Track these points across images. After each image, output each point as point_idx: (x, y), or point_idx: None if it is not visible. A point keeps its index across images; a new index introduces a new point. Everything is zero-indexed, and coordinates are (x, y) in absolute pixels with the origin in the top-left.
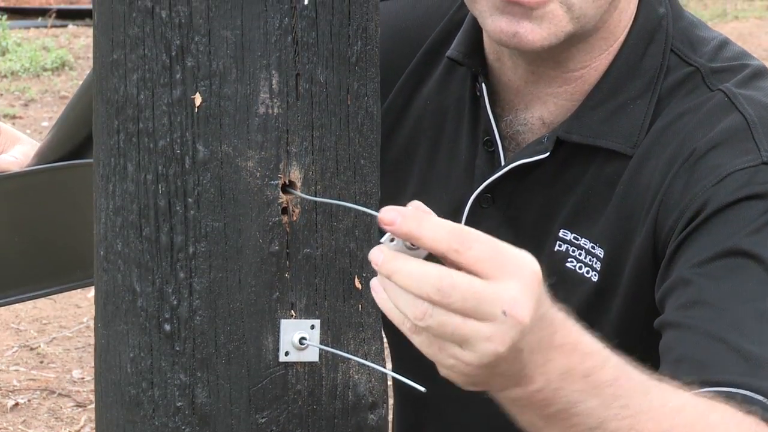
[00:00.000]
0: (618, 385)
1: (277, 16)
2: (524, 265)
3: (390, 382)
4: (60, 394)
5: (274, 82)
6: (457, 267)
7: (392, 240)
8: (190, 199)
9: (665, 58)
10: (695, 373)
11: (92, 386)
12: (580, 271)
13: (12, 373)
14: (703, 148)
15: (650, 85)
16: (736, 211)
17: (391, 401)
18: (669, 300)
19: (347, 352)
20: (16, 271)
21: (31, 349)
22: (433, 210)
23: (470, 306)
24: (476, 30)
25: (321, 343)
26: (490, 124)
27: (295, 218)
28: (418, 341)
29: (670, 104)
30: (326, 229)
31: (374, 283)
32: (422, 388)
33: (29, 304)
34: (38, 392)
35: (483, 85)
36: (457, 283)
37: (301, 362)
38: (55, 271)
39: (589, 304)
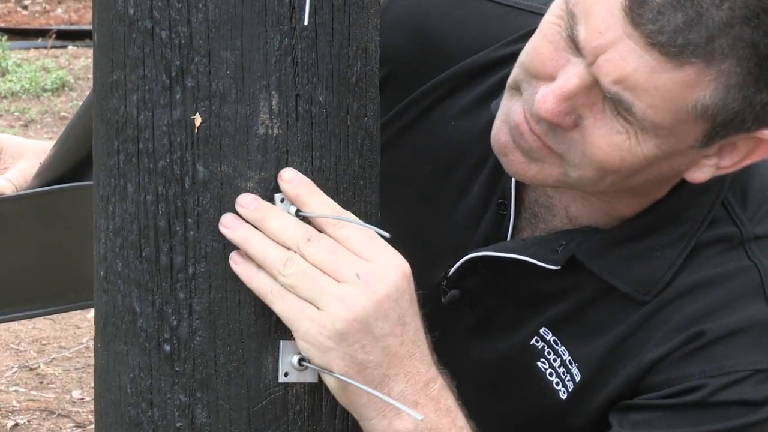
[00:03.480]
0: None
1: (277, 37)
2: (394, 255)
3: None
4: (60, 415)
5: (273, 102)
6: None
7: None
8: (190, 220)
9: (712, 210)
10: None
11: (92, 407)
12: (551, 378)
13: (12, 393)
14: (718, 331)
15: (686, 236)
16: (720, 410)
17: None
18: None
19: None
20: (11, 290)
21: (31, 369)
22: (427, 230)
23: (329, 261)
24: None
25: None
26: (510, 194)
27: None
28: (280, 306)
29: (699, 257)
30: None
31: (234, 255)
32: (419, 416)
33: (29, 324)
34: (38, 413)
35: None
36: (324, 239)
37: (300, 383)
38: (52, 292)
39: (547, 416)
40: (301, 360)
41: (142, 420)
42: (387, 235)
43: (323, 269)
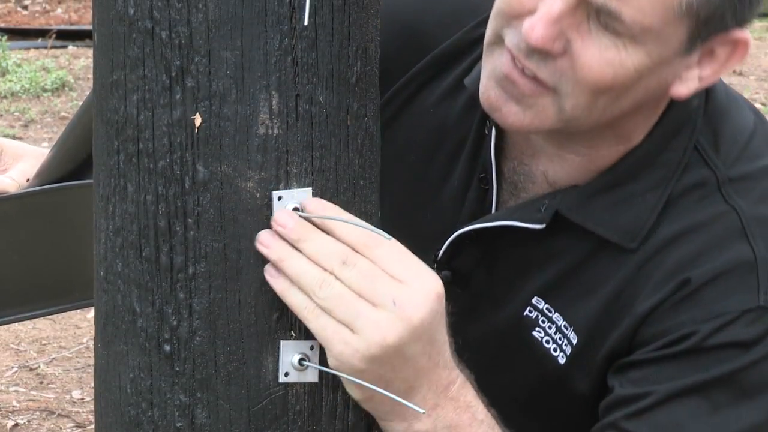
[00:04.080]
0: None
1: (277, 37)
2: (428, 276)
3: None
4: (60, 415)
5: (273, 102)
6: None
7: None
8: (189, 220)
9: (686, 154)
10: None
11: (92, 407)
12: (547, 345)
13: (11, 393)
14: (702, 278)
15: (664, 180)
16: (714, 354)
17: None
18: (611, 415)
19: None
20: (13, 291)
21: (31, 369)
22: (415, 218)
23: (366, 285)
24: None
25: (321, 364)
26: (490, 165)
27: None
28: (314, 326)
29: (678, 207)
30: None
31: (270, 267)
32: (421, 410)
33: (29, 324)
34: (38, 413)
35: (493, 128)
36: (361, 262)
37: (300, 383)
38: (52, 292)
39: (549, 383)
40: (302, 360)
41: (142, 420)
42: (389, 237)
43: (359, 293)
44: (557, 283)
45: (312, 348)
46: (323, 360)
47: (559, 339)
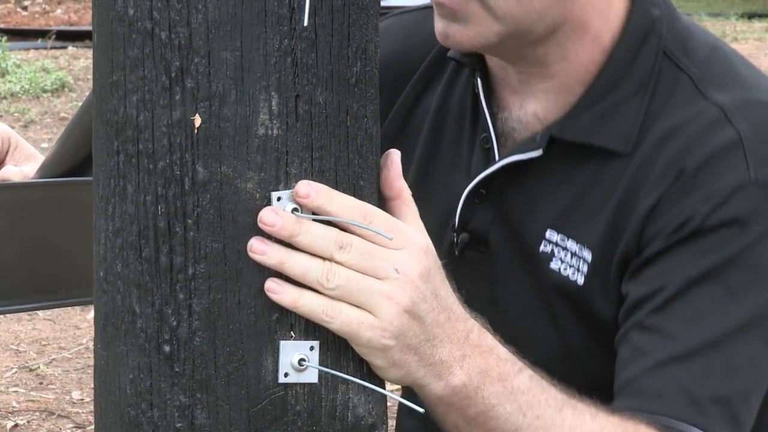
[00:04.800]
0: (532, 395)
1: (277, 38)
2: (414, 237)
3: (390, 404)
4: (59, 416)
5: (273, 103)
6: None
7: (284, 208)
8: (189, 221)
9: (657, 59)
10: (637, 401)
11: (92, 407)
12: (565, 273)
13: (11, 394)
14: (695, 165)
15: (642, 86)
16: (716, 234)
17: (391, 422)
18: (632, 317)
19: (347, 373)
20: (6, 282)
21: (31, 370)
22: (432, 205)
23: (367, 263)
24: None
25: (320, 364)
26: (486, 121)
27: None
28: (339, 323)
29: (664, 110)
30: None
31: (269, 283)
32: (421, 409)
33: (28, 325)
34: (37, 413)
35: (479, 81)
36: (355, 241)
37: (300, 383)
38: (47, 286)
39: (574, 305)
40: (301, 360)
41: (141, 421)
42: (390, 237)
43: (363, 272)
44: (567, 211)
45: (312, 348)
46: (323, 360)
47: (575, 262)
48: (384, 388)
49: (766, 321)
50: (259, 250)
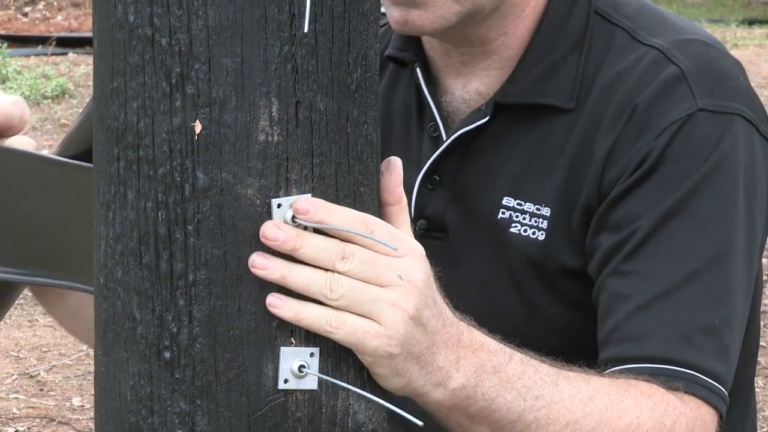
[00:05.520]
0: (527, 378)
1: (277, 44)
2: (414, 245)
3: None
4: (60, 422)
5: (273, 109)
6: None
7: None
8: (190, 227)
9: (590, 18)
10: (626, 346)
11: (92, 414)
12: (525, 234)
13: (12, 401)
14: (644, 103)
15: (578, 43)
16: (675, 165)
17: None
18: (608, 266)
19: (346, 381)
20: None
21: (31, 376)
22: None
23: (370, 271)
24: None
25: (320, 371)
26: (431, 109)
27: None
28: (343, 333)
29: (605, 62)
30: None
31: (271, 299)
32: (419, 422)
33: (29, 331)
34: (38, 420)
35: (418, 70)
36: (357, 250)
37: (300, 390)
38: (29, 261)
39: (536, 266)
40: (301, 367)
41: (142, 427)
42: (394, 247)
43: (367, 280)
44: (520, 175)
45: (312, 355)
46: (323, 367)
47: (534, 221)
48: (383, 396)
49: (737, 245)
50: (260, 265)
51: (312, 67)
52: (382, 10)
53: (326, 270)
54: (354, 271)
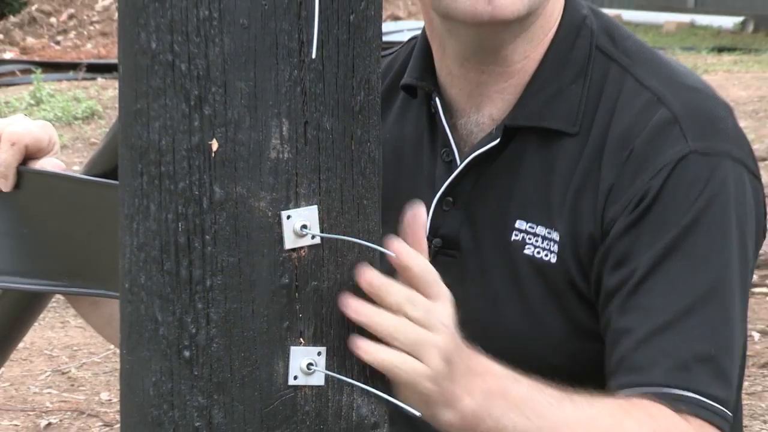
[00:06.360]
0: (532, 400)
1: (287, 69)
2: (445, 290)
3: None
4: (89, 415)
5: (284, 129)
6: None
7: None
8: (207, 236)
9: (591, 51)
10: (631, 377)
11: (118, 407)
12: (538, 256)
13: (45, 395)
14: (640, 145)
15: (581, 73)
16: (671, 204)
17: None
18: (611, 304)
19: (351, 377)
20: (29, 262)
21: (63, 373)
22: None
23: (426, 318)
24: (427, 55)
25: (327, 369)
26: (446, 133)
27: (303, 254)
28: (404, 376)
29: (603, 94)
30: (332, 263)
31: (362, 343)
32: (417, 413)
33: (61, 332)
34: (69, 413)
35: (437, 99)
36: (418, 298)
37: (308, 386)
38: (58, 273)
39: (547, 285)
40: (309, 364)
41: (163, 420)
42: (393, 254)
43: (421, 325)
44: (531, 199)
45: (319, 354)
46: (329, 364)
47: (547, 244)
48: (384, 391)
49: (731, 276)
50: (354, 307)
51: (319, 90)
52: (385, 38)
53: (394, 313)
54: (417, 316)
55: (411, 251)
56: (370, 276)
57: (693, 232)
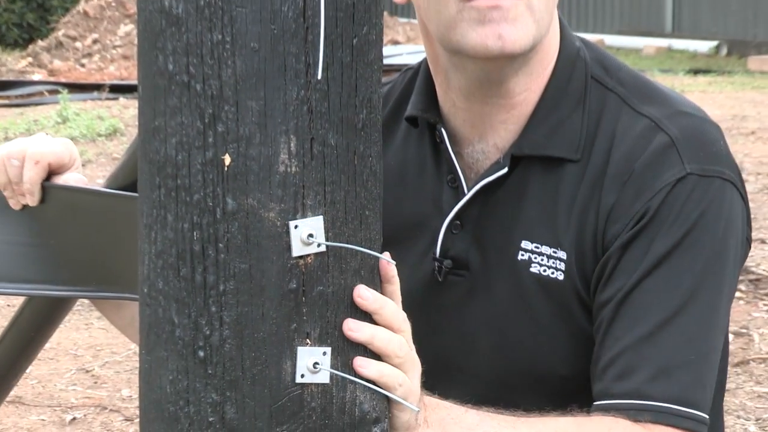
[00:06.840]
0: (486, 424)
1: (295, 89)
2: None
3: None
4: (111, 410)
5: (292, 145)
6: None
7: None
8: (220, 245)
9: (587, 81)
10: (613, 382)
11: (138, 403)
12: (545, 273)
13: (70, 392)
14: (640, 168)
15: (579, 104)
16: (666, 222)
17: None
18: (602, 312)
19: (354, 376)
20: (58, 269)
21: (87, 371)
22: (408, 248)
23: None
24: (430, 89)
25: (332, 368)
26: (453, 161)
27: (310, 261)
28: (401, 391)
29: (601, 123)
30: (336, 269)
31: (364, 363)
32: (416, 408)
33: (85, 332)
34: (92, 408)
35: (443, 129)
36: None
37: (314, 383)
38: (82, 279)
39: (553, 300)
40: (315, 363)
41: (179, 415)
42: (392, 261)
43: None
44: (537, 221)
45: (324, 353)
46: (334, 364)
47: (553, 263)
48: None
49: (714, 288)
50: (354, 327)
51: (324, 109)
52: (385, 61)
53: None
54: (407, 335)
55: (383, 298)
56: (365, 291)
57: (684, 244)
